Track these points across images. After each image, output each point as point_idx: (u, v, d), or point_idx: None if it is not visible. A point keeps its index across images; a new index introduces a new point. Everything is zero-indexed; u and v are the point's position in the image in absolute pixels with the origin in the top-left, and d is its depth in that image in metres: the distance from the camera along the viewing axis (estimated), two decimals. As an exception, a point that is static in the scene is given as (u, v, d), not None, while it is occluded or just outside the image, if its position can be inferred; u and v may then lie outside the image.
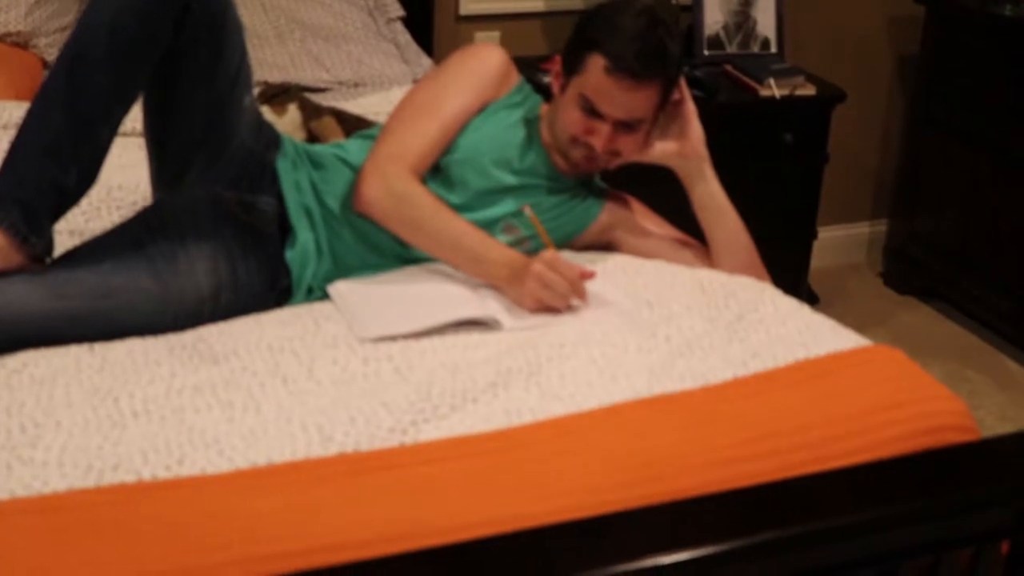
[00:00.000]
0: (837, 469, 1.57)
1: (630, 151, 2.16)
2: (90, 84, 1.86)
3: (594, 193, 2.29)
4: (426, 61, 3.16)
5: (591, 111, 2.09)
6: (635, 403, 1.70)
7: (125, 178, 2.34)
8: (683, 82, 2.18)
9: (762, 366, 1.81)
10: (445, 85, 2.19)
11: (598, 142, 2.11)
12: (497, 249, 2.05)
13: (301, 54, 3.04)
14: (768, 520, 1.49)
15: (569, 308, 1.97)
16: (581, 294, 1.97)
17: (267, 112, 2.56)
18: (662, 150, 2.20)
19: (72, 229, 2.19)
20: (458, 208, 2.12)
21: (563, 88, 2.16)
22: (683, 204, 2.26)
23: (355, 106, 2.80)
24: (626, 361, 1.82)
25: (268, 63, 2.99)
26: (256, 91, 2.69)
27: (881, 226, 4.25)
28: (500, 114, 2.20)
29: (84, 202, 2.24)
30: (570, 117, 2.13)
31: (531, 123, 2.22)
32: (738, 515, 1.49)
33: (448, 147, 2.16)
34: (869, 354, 1.86)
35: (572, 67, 2.12)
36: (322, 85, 2.98)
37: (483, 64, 2.21)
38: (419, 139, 2.12)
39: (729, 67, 3.48)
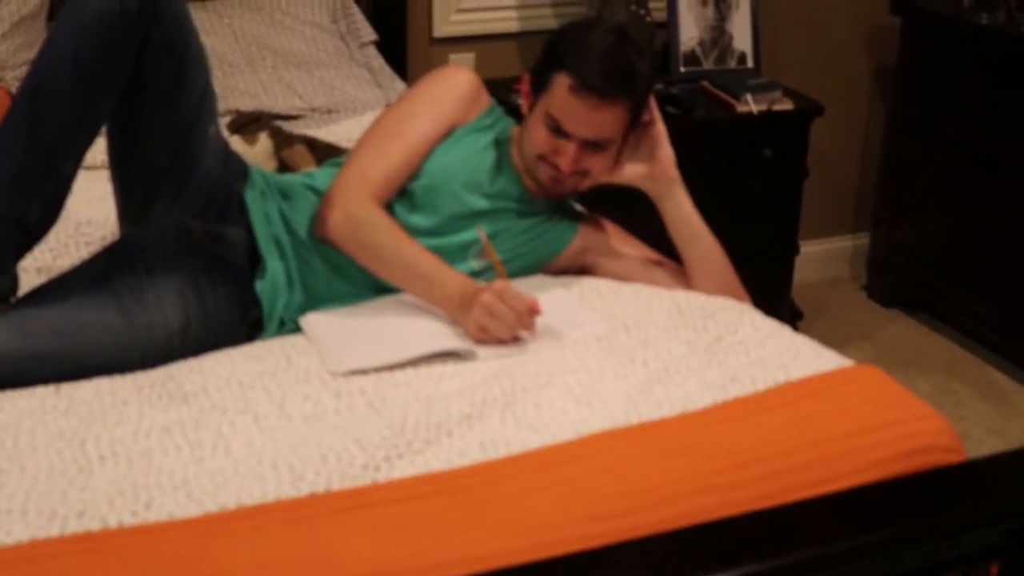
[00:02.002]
0: (819, 496, 1.54)
1: (598, 172, 2.13)
2: (52, 116, 1.83)
3: (568, 216, 2.25)
4: (400, 85, 3.12)
5: (557, 130, 2.06)
6: (611, 433, 1.67)
7: (93, 213, 2.30)
8: (653, 102, 2.15)
9: (741, 390, 1.78)
10: (412, 109, 2.16)
11: (564, 162, 2.08)
12: (451, 275, 2.01)
13: (273, 81, 3.00)
14: (749, 551, 1.45)
15: (515, 340, 1.93)
16: (528, 327, 1.93)
17: (238, 142, 2.53)
18: (632, 171, 2.17)
19: (40, 266, 2.15)
20: (428, 233, 2.10)
21: (531, 107, 2.13)
22: (660, 225, 2.23)
23: (328, 133, 2.76)
24: (603, 388, 1.79)
25: (239, 91, 2.95)
26: (227, 120, 2.67)
27: (863, 239, 4.22)
28: (469, 138, 2.17)
29: (52, 238, 2.21)
30: (537, 136, 2.10)
31: (502, 145, 2.20)
32: (718, 546, 1.45)
33: (415, 172, 2.13)
34: (851, 375, 1.83)
35: (539, 86, 2.10)
36: (295, 112, 2.94)
37: (451, 87, 2.18)
38: (383, 164, 2.09)
39: (706, 83, 3.45)
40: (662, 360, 1.87)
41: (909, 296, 4.01)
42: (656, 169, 2.17)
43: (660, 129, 2.17)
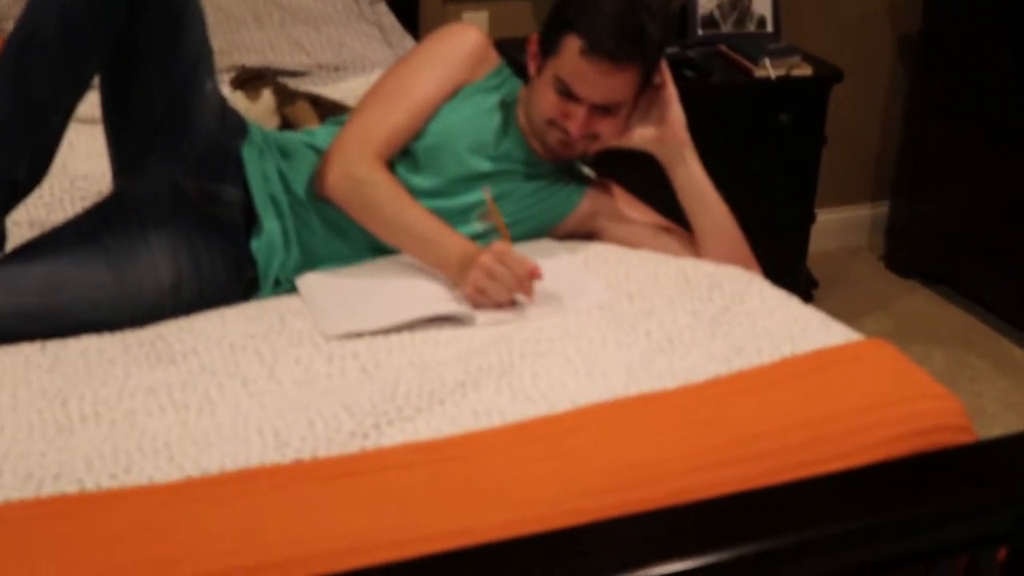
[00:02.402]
0: (823, 475, 1.48)
1: (608, 135, 2.07)
2: (40, 69, 1.78)
3: (575, 180, 2.19)
4: (410, 43, 3.05)
5: (567, 94, 2.00)
6: (610, 404, 1.61)
7: (91, 167, 2.25)
8: (664, 65, 2.08)
9: (746, 363, 1.72)
10: (417, 68, 2.10)
11: (574, 126, 2.02)
12: (451, 237, 1.96)
13: (280, 37, 2.94)
14: (746, 531, 1.41)
15: (511, 305, 1.88)
16: (527, 291, 1.88)
17: (240, 98, 2.47)
18: (641, 135, 2.11)
19: (33, 220, 2.11)
20: (431, 194, 2.04)
21: (539, 70, 2.06)
22: (670, 191, 2.16)
23: (334, 90, 2.70)
24: (603, 358, 1.74)
25: (246, 47, 2.90)
26: (231, 76, 2.62)
27: (883, 208, 4.15)
28: (475, 98, 2.11)
29: (46, 192, 2.16)
30: (546, 100, 2.04)
31: (509, 107, 2.13)
32: (716, 526, 1.41)
33: (418, 132, 2.07)
34: (860, 349, 1.77)
35: (548, 48, 2.03)
36: (302, 69, 2.89)
37: (458, 46, 2.11)
38: (386, 123, 2.04)
39: (723, 47, 3.38)
40: (666, 330, 1.81)
41: (928, 267, 3.93)
42: (666, 132, 2.11)
43: (671, 92, 2.10)
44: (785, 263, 3.47)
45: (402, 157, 2.06)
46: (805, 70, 3.29)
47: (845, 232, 4.13)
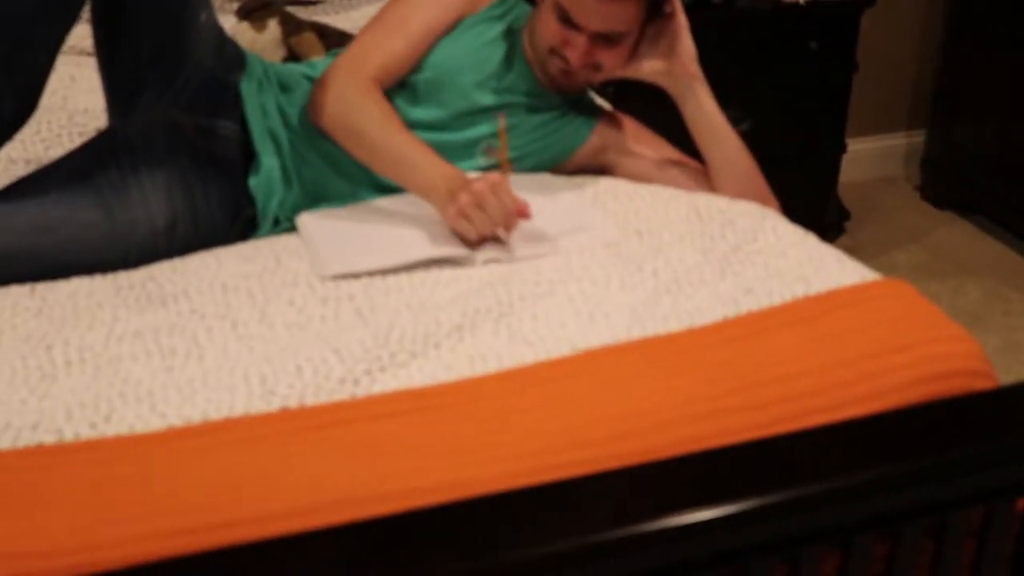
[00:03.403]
0: (832, 424, 1.42)
1: (611, 66, 1.99)
2: (21, 1, 1.71)
3: (585, 112, 2.11)
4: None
5: (568, 22, 1.92)
6: (610, 349, 1.54)
7: (91, 102, 2.20)
8: None
9: (755, 304, 1.65)
10: None
11: (574, 55, 1.94)
12: (439, 164, 1.87)
13: (291, -36, 2.86)
14: (754, 482, 1.35)
15: (487, 240, 1.80)
16: (510, 228, 1.80)
17: (246, 28, 2.41)
18: (649, 66, 2.02)
19: (30, 158, 2.06)
20: (432, 127, 1.97)
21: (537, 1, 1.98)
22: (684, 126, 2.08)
23: (344, 19, 2.64)
24: (606, 299, 1.67)
25: (256, -26, 2.81)
26: (237, 5, 2.55)
27: (918, 136, 4.04)
28: (478, 28, 2.03)
29: (44, 128, 2.11)
30: (547, 27, 1.95)
31: (514, 36, 2.05)
32: (720, 477, 1.35)
33: (416, 63, 2.00)
34: (875, 289, 1.69)
35: None
36: (313, -3, 2.81)
37: None
38: (383, 51, 1.96)
39: (751, -30, 3.26)
40: (673, 269, 1.74)
41: (964, 197, 3.83)
42: (675, 65, 2.02)
43: (681, 22, 2.01)
44: (816, 194, 3.39)
45: (402, 90, 1.99)
46: (836, -7, 3.18)
47: (879, 162, 4.03)
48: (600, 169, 2.11)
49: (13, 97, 1.76)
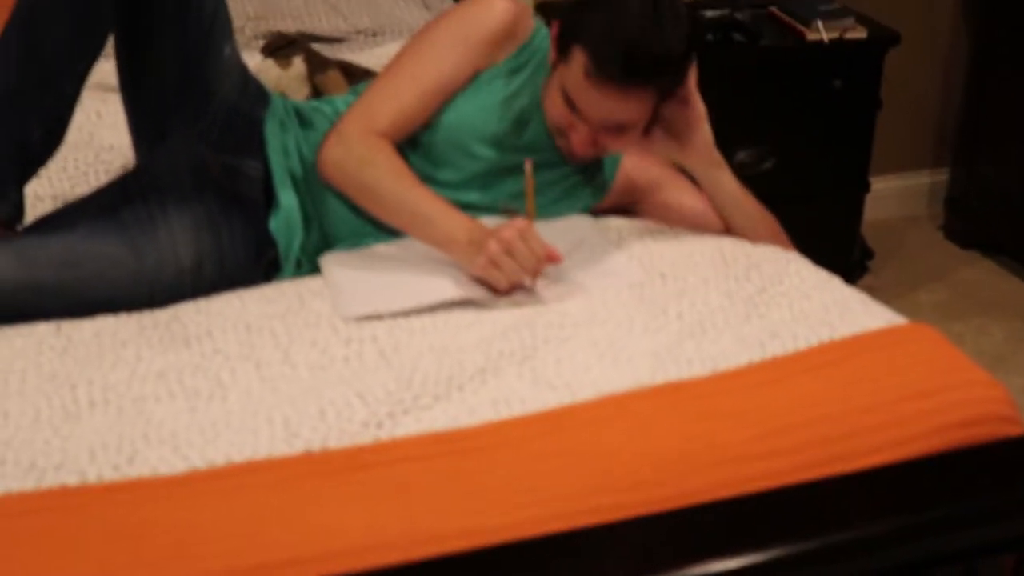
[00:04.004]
0: (859, 471, 1.42)
1: (619, 149, 1.95)
2: (48, 32, 1.73)
3: (608, 160, 2.07)
4: (449, 6, 2.97)
5: (572, 106, 1.86)
6: (635, 393, 1.54)
7: (116, 138, 2.21)
8: (692, 78, 1.90)
9: (780, 348, 1.64)
10: (434, 47, 1.96)
11: (577, 140, 1.89)
12: (457, 216, 1.84)
13: (316, 2, 2.88)
14: (780, 530, 1.35)
15: (514, 289, 1.78)
16: (538, 275, 1.78)
17: (271, 65, 2.42)
18: (664, 149, 1.96)
19: (56, 194, 2.07)
20: (452, 187, 1.94)
21: (553, 66, 1.91)
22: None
23: (370, 56, 2.64)
24: (630, 343, 1.66)
25: (281, 11, 2.84)
26: (263, 42, 2.56)
27: (942, 175, 4.01)
28: (494, 84, 1.96)
29: (70, 165, 2.12)
30: (554, 104, 1.90)
31: (535, 87, 1.98)
32: (746, 524, 1.35)
33: (429, 118, 1.95)
34: (900, 333, 1.68)
35: (561, 49, 1.86)
36: (338, 34, 2.83)
37: (481, 25, 1.95)
38: (392, 105, 1.92)
39: (774, 9, 3.26)
40: (698, 313, 1.73)
41: (988, 237, 3.80)
42: (691, 154, 1.96)
43: (699, 113, 1.93)
44: (838, 234, 3.37)
45: (417, 149, 1.95)
46: (859, 33, 3.17)
47: (902, 200, 4.01)
48: (625, 210, 2.10)
49: (41, 128, 1.77)
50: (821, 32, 3.11)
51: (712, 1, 3.23)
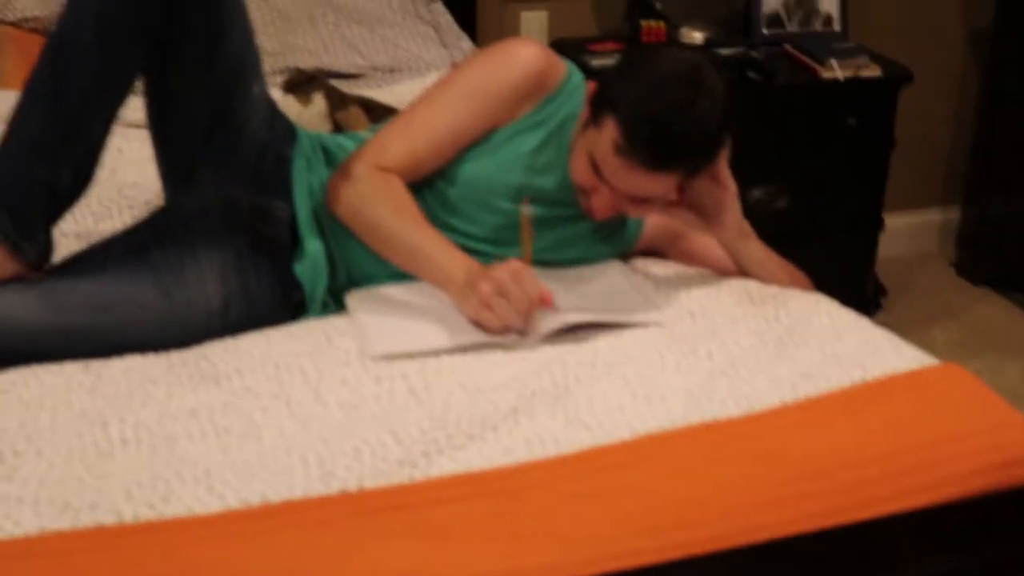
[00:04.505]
0: (894, 514, 1.40)
1: (641, 216, 1.94)
2: (76, 74, 1.72)
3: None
4: (467, 44, 2.99)
5: (599, 172, 1.83)
6: (669, 434, 1.53)
7: (140, 175, 2.20)
8: (724, 156, 1.87)
9: (813, 389, 1.64)
10: (453, 95, 1.93)
11: (597, 204, 1.88)
12: (456, 256, 1.82)
13: (334, 38, 2.88)
14: (818, 575, 1.34)
15: (507, 331, 1.75)
16: (531, 317, 1.74)
17: (292, 102, 2.42)
18: (691, 222, 1.94)
19: (80, 231, 2.06)
20: (472, 238, 1.92)
21: (584, 126, 1.87)
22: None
23: (388, 93, 2.65)
24: (662, 381, 1.66)
25: (299, 48, 2.84)
26: (282, 79, 2.57)
27: (953, 212, 4.03)
28: (515, 140, 1.93)
29: (94, 201, 2.12)
30: (579, 167, 1.87)
31: (560, 139, 1.94)
32: (780, 569, 1.34)
33: (446, 168, 1.93)
34: (932, 375, 1.68)
35: (594, 114, 1.82)
36: (355, 71, 2.83)
37: (504, 78, 1.91)
38: (402, 150, 1.90)
39: (789, 47, 3.28)
40: (728, 352, 1.73)
41: (1001, 274, 3.81)
42: (720, 232, 1.95)
43: (730, 192, 1.90)
44: (853, 271, 3.38)
45: (436, 197, 1.93)
46: (874, 71, 3.18)
47: (914, 237, 4.02)
48: (653, 251, 2.10)
49: (69, 169, 1.77)
50: (836, 70, 3.13)
51: (727, 39, 3.24)
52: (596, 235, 1.99)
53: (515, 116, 1.94)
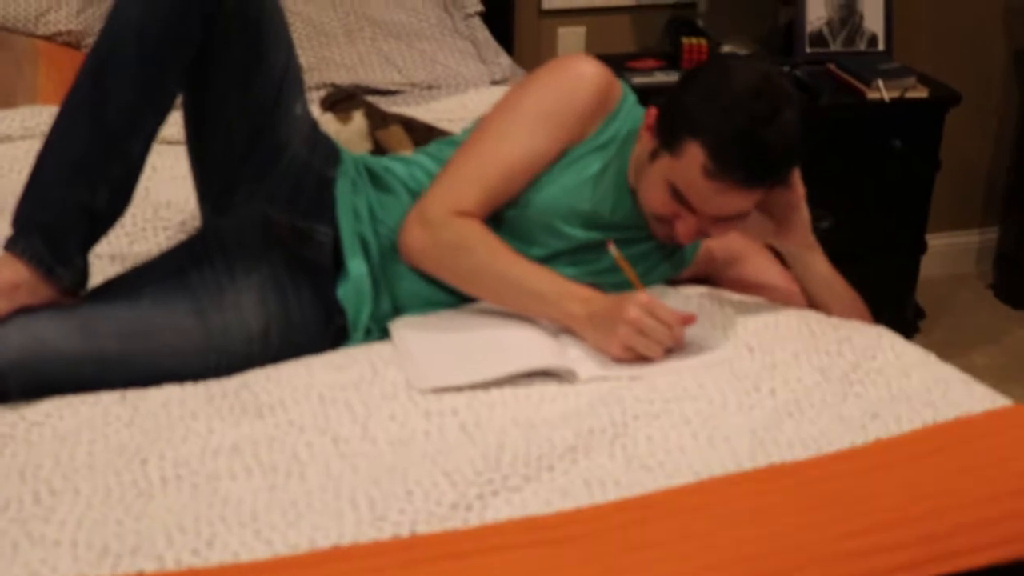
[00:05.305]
0: (985, 567, 1.33)
1: (721, 235, 1.88)
2: (117, 93, 1.66)
3: None
4: (505, 60, 2.93)
5: (680, 198, 1.78)
6: (736, 477, 1.46)
7: (174, 193, 2.14)
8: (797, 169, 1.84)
9: (884, 430, 1.56)
10: (521, 122, 1.85)
11: (682, 231, 1.81)
12: (564, 285, 1.78)
13: (371, 53, 2.83)
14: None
15: (662, 357, 1.72)
16: (680, 342, 1.72)
17: (330, 120, 2.35)
18: (760, 229, 1.89)
19: (114, 253, 2.00)
20: (547, 263, 1.86)
21: (653, 155, 1.80)
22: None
23: (427, 111, 2.58)
24: (724, 421, 1.59)
25: (336, 63, 2.79)
26: (320, 94, 2.50)
27: (992, 233, 3.96)
28: (581, 163, 1.87)
29: (128, 222, 2.05)
30: (656, 196, 1.80)
31: (620, 163, 1.88)
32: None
33: (517, 198, 1.86)
34: (1007, 418, 1.60)
35: (667, 141, 1.77)
36: (393, 87, 2.77)
37: (572, 100, 1.85)
38: (478, 185, 1.83)
39: (833, 67, 3.21)
40: (792, 390, 1.66)
41: (1040, 298, 3.74)
42: (788, 236, 1.89)
43: (799, 194, 1.86)
44: (894, 294, 3.30)
45: (501, 224, 1.87)
46: (921, 92, 3.11)
47: (951, 259, 3.94)
48: (703, 279, 2.03)
49: (107, 191, 1.70)
50: (882, 91, 3.06)
51: (770, 58, 3.18)
52: (657, 255, 1.94)
53: (583, 137, 1.88)
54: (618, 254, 1.82)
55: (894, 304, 3.30)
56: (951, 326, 3.66)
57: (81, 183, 1.68)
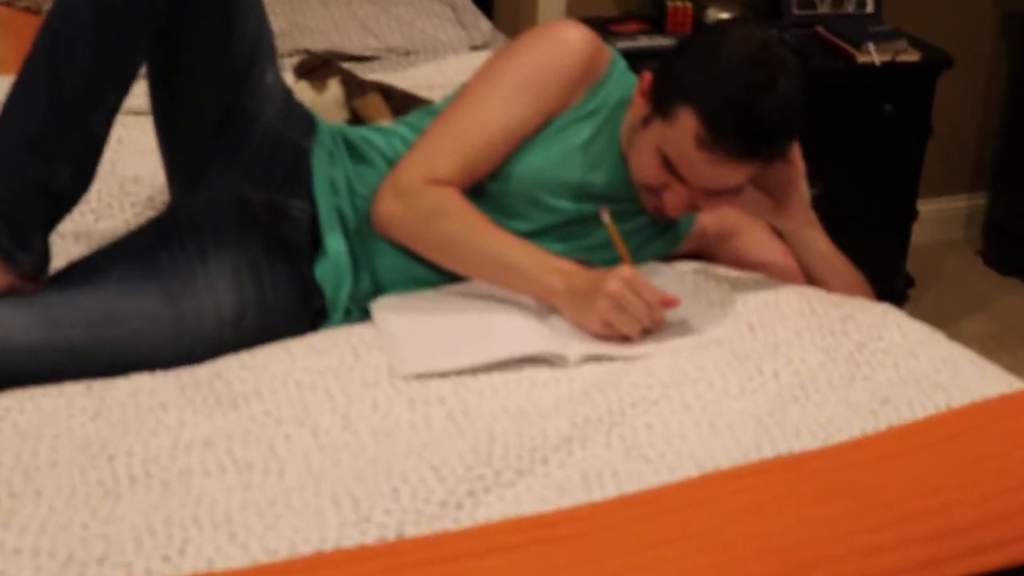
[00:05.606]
0: (1010, 566, 1.25)
1: (715, 209, 1.81)
2: (73, 63, 1.55)
3: None
4: (485, 24, 2.83)
5: (671, 168, 1.70)
6: (742, 469, 1.38)
7: (142, 167, 2.04)
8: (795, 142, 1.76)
9: (895, 416, 1.48)
10: (502, 88, 1.77)
11: (672, 203, 1.73)
12: (550, 260, 1.69)
13: (346, 18, 2.72)
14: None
15: (640, 337, 1.64)
16: (659, 323, 1.64)
17: (305, 88, 2.25)
18: (757, 204, 1.81)
19: (79, 231, 1.90)
20: (530, 237, 1.77)
21: (645, 121, 1.73)
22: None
23: (405, 78, 2.48)
24: (726, 406, 1.51)
25: (310, 28, 2.68)
26: (294, 61, 2.40)
27: (980, 199, 3.88)
28: (567, 131, 1.79)
29: (93, 198, 1.95)
30: (646, 165, 1.73)
31: (611, 131, 1.80)
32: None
33: (497, 167, 1.77)
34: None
35: (660, 106, 1.69)
36: (369, 53, 2.67)
37: (556, 66, 1.77)
38: (456, 153, 1.74)
39: (821, 29, 3.11)
40: (796, 372, 1.58)
41: (1029, 264, 3.67)
42: (785, 212, 1.81)
43: (799, 169, 1.79)
44: (885, 261, 3.22)
45: (486, 198, 1.78)
46: (912, 56, 3.02)
47: (939, 225, 3.86)
48: (699, 255, 1.94)
49: (67, 167, 1.60)
50: (873, 54, 2.97)
51: (757, 21, 3.08)
52: (651, 230, 1.85)
53: (568, 105, 1.79)
54: (610, 222, 1.73)
55: (885, 273, 3.22)
56: (941, 293, 3.59)
57: (39, 160, 1.58)
